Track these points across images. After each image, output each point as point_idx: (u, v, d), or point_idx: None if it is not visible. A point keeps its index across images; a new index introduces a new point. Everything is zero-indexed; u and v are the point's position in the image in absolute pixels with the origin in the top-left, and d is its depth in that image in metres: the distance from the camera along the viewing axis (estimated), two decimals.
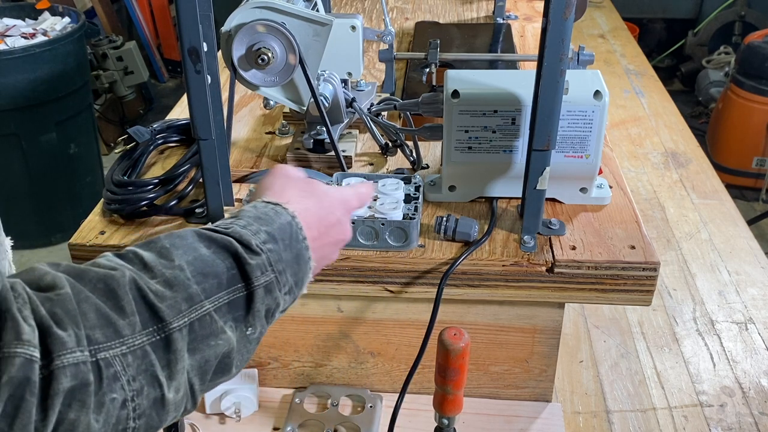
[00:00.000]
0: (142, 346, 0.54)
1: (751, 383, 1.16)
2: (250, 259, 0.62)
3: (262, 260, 0.63)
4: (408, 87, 1.47)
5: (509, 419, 1.05)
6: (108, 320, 0.53)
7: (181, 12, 0.84)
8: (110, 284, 0.55)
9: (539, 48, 0.85)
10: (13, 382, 0.47)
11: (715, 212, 1.60)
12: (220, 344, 0.59)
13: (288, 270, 0.66)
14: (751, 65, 3.11)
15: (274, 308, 0.65)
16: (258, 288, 0.62)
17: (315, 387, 1.10)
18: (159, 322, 0.56)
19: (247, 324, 0.62)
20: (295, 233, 0.68)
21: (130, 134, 1.16)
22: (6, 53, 2.56)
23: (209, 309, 0.59)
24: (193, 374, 0.58)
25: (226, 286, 0.61)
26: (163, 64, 4.49)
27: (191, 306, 0.58)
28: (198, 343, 0.58)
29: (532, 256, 0.93)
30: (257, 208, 0.69)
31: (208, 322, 0.59)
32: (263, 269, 0.63)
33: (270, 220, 0.67)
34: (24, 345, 0.48)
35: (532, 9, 1.99)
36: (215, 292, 0.60)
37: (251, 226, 0.65)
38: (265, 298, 0.63)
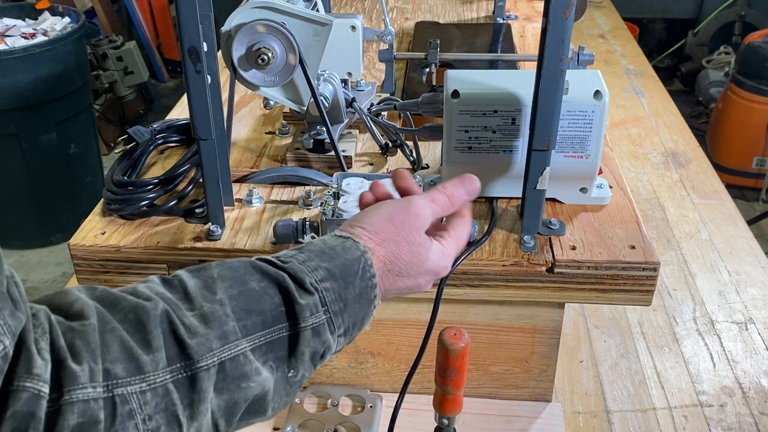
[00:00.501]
0: (164, 383, 0.52)
1: (751, 383, 1.16)
2: (300, 298, 0.59)
3: (314, 300, 0.60)
4: (408, 87, 1.47)
5: (509, 419, 1.05)
6: (131, 354, 0.52)
7: (181, 12, 0.84)
8: (141, 316, 0.54)
9: (539, 48, 0.85)
10: (16, 417, 0.47)
11: (715, 212, 1.60)
12: (252, 387, 0.57)
13: (346, 310, 0.62)
14: (751, 65, 3.11)
15: (323, 351, 0.62)
16: (305, 330, 0.59)
17: (315, 387, 1.10)
18: (186, 359, 0.54)
19: (290, 366, 0.59)
20: (362, 270, 0.64)
21: (130, 134, 1.16)
22: (6, 53, 2.56)
23: (245, 348, 0.56)
24: (219, 415, 0.56)
25: (271, 324, 0.58)
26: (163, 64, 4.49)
27: (224, 344, 0.55)
28: (227, 384, 0.55)
29: (532, 256, 0.93)
30: (326, 241, 0.65)
31: (241, 362, 0.56)
32: (313, 310, 0.60)
33: (335, 255, 0.63)
34: (33, 379, 0.48)
35: (532, 9, 1.99)
36: (257, 330, 0.57)
37: (311, 261, 0.62)
38: (311, 341, 0.60)
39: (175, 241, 0.97)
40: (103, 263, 0.98)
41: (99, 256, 0.97)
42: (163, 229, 1.00)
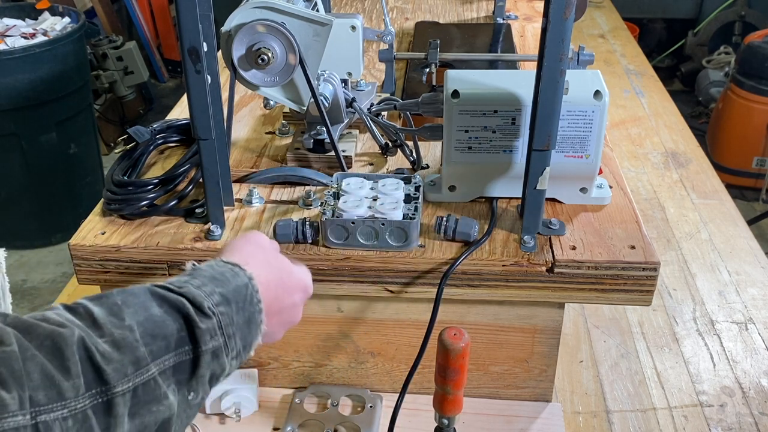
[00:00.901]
0: (84, 410, 0.53)
1: (751, 383, 1.16)
2: (200, 322, 0.61)
3: (212, 324, 0.62)
4: (408, 87, 1.47)
5: (509, 419, 1.05)
6: (52, 381, 0.52)
7: (181, 12, 0.84)
8: (58, 342, 0.54)
9: (539, 48, 0.85)
10: None
11: (715, 212, 1.60)
12: (161, 410, 0.58)
13: (238, 333, 0.65)
14: (751, 65, 3.11)
15: (219, 373, 0.64)
16: (205, 353, 0.61)
17: (315, 387, 1.10)
18: (103, 385, 0.54)
19: (190, 388, 0.61)
20: (249, 296, 0.67)
21: (130, 134, 1.16)
22: (6, 53, 2.56)
23: (154, 373, 0.58)
24: None
25: (174, 348, 0.59)
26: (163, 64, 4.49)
27: (137, 370, 0.57)
28: (139, 408, 0.56)
29: (532, 256, 0.93)
30: (214, 267, 0.68)
31: (152, 387, 0.57)
32: (212, 333, 0.62)
33: (226, 281, 0.66)
34: None
35: (532, 9, 1.99)
36: (162, 354, 0.59)
37: (206, 286, 0.64)
38: (211, 364, 0.62)
39: (175, 241, 0.97)
40: (103, 263, 0.98)
41: (99, 256, 0.97)
42: (163, 229, 1.00)
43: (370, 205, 0.96)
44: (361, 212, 0.94)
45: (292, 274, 0.78)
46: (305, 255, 0.95)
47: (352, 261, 0.94)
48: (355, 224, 0.93)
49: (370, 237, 0.94)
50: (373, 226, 0.93)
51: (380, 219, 0.93)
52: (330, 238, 0.95)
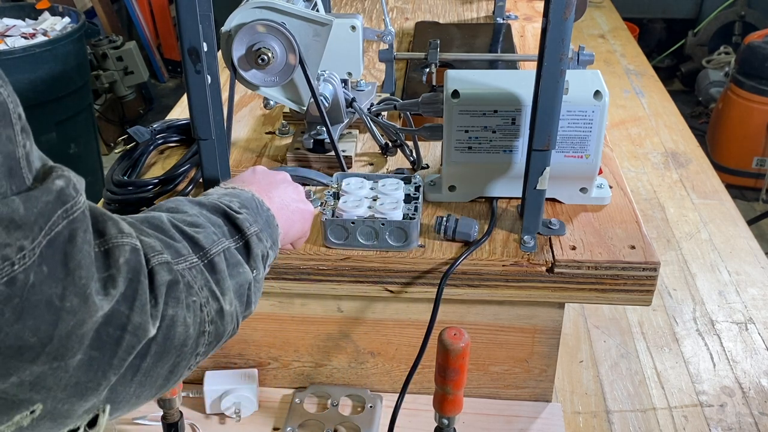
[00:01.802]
0: (197, 265, 0.61)
1: (751, 383, 1.16)
2: (237, 216, 0.70)
3: (245, 217, 0.70)
4: (408, 87, 1.47)
5: (509, 419, 1.05)
6: (167, 244, 0.59)
7: (181, 12, 0.84)
8: (154, 221, 0.62)
9: (539, 48, 0.85)
10: (130, 263, 0.51)
11: (715, 212, 1.60)
12: (245, 273, 0.66)
13: (265, 231, 0.73)
14: (751, 65, 3.11)
15: (266, 255, 0.72)
16: (252, 236, 0.69)
17: (315, 387, 1.10)
18: (201, 250, 0.62)
19: (252, 266, 0.68)
20: (259, 204, 0.75)
21: (130, 134, 1.16)
22: (6, 53, 2.56)
23: (228, 244, 0.66)
24: (234, 295, 0.64)
25: (229, 236, 0.67)
26: (163, 64, 4.49)
27: (218, 239, 0.65)
28: (232, 269, 0.65)
29: (532, 256, 0.93)
30: (218, 190, 0.76)
31: (232, 253, 0.66)
32: (249, 223, 0.70)
33: (236, 194, 0.75)
34: (127, 236, 0.53)
35: (532, 9, 1.99)
36: (224, 237, 0.67)
37: (224, 198, 0.73)
38: (258, 244, 0.70)
39: None
40: None
41: None
42: None
43: (370, 205, 0.96)
44: (361, 212, 0.94)
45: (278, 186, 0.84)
46: (305, 255, 0.95)
47: (352, 261, 0.94)
48: (355, 224, 0.93)
49: (370, 237, 0.94)
50: (373, 226, 0.93)
51: (380, 219, 0.93)
52: (330, 238, 0.95)
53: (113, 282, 0.50)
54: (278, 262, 0.95)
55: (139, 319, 0.51)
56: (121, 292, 0.50)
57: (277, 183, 0.84)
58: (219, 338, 0.62)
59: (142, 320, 0.51)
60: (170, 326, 0.54)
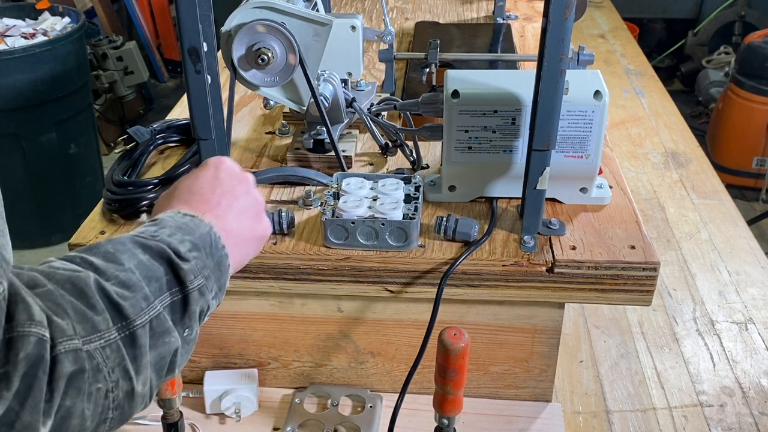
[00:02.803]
0: (115, 340, 0.56)
1: (751, 383, 1.16)
2: (182, 265, 0.65)
3: (192, 266, 0.65)
4: (408, 87, 1.47)
5: (509, 419, 1.05)
6: (85, 316, 0.55)
7: (181, 12, 0.84)
8: (78, 284, 0.57)
9: (539, 48, 0.85)
10: (29, 359, 0.49)
11: (715, 212, 1.60)
12: (172, 341, 0.62)
13: (212, 276, 0.68)
14: (751, 65, 3.11)
15: (206, 310, 0.67)
16: (193, 291, 0.65)
17: (315, 387, 1.10)
18: (124, 320, 0.58)
19: (184, 325, 0.64)
20: (214, 242, 0.70)
21: (130, 134, 1.16)
22: (6, 53, 2.56)
23: (159, 309, 0.61)
24: (152, 370, 0.60)
25: (166, 289, 0.63)
26: (163, 64, 4.49)
27: (148, 305, 0.60)
28: (156, 340, 0.60)
29: (532, 256, 0.93)
30: (175, 219, 0.71)
31: (162, 320, 0.61)
32: (195, 273, 0.65)
33: (190, 230, 0.69)
34: (36, 325, 0.50)
35: (532, 9, 1.99)
36: (159, 294, 0.62)
37: (176, 235, 0.67)
38: (199, 300, 0.65)
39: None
40: None
41: None
42: None
43: (370, 205, 0.96)
44: (361, 212, 0.94)
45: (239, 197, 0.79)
46: (305, 255, 0.95)
47: (352, 261, 0.94)
48: (355, 224, 0.93)
49: (370, 237, 0.94)
50: (373, 226, 0.93)
51: (380, 219, 0.93)
52: (330, 238, 0.95)
53: (7, 381, 0.48)
54: (278, 262, 0.95)
55: (29, 417, 0.49)
56: (14, 392, 0.48)
57: (238, 196, 0.78)
58: (122, 422, 0.59)
59: (32, 419, 0.49)
60: (65, 418, 0.52)
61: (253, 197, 0.81)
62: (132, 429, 1.03)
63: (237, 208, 0.77)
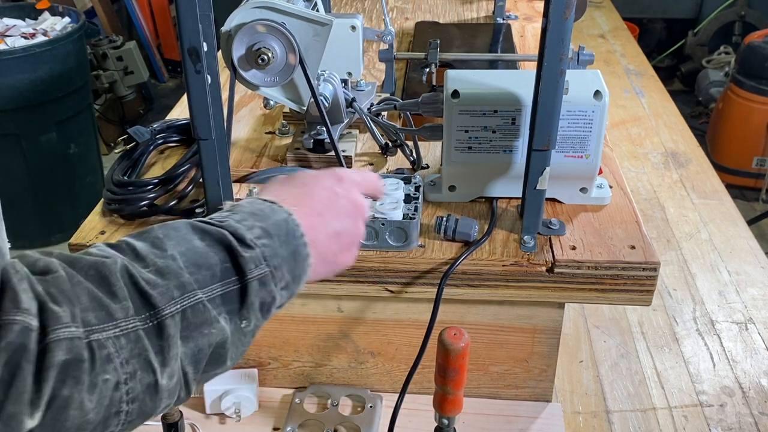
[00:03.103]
0: (135, 330, 0.54)
1: (751, 383, 1.16)
2: (243, 252, 0.62)
3: (256, 254, 0.63)
4: (408, 87, 1.47)
5: (509, 419, 1.05)
6: (101, 304, 0.54)
7: (181, 12, 0.84)
8: (102, 271, 0.56)
9: (539, 48, 0.85)
10: (10, 348, 0.48)
11: (715, 212, 1.60)
12: (213, 333, 0.59)
13: (284, 266, 0.65)
14: (751, 65, 3.11)
15: (269, 302, 0.65)
16: (252, 281, 0.62)
17: (315, 387, 1.10)
18: (151, 309, 0.56)
19: (242, 317, 0.62)
20: (291, 230, 0.67)
21: (130, 134, 1.16)
22: (6, 53, 2.56)
23: (202, 298, 0.59)
24: (187, 362, 0.58)
25: (220, 279, 0.61)
26: (163, 64, 4.49)
27: (183, 294, 0.58)
28: (191, 331, 0.58)
29: (532, 256, 0.93)
30: (253, 204, 0.68)
31: (201, 310, 0.59)
32: (257, 262, 0.63)
33: (265, 216, 0.66)
34: (22, 313, 0.49)
35: (532, 9, 1.99)
36: (208, 284, 0.60)
37: (246, 221, 0.65)
38: (259, 291, 0.63)
39: None
40: None
41: None
42: None
43: (370, 205, 0.96)
44: None
45: (321, 174, 0.76)
46: None
47: None
48: None
49: (370, 237, 0.94)
50: (373, 226, 0.93)
51: (380, 219, 0.93)
52: None
53: None
54: None
55: (13, 408, 0.47)
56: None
57: (343, 218, 0.74)
58: (146, 416, 0.56)
59: (17, 410, 0.47)
60: (61, 408, 0.50)
61: (358, 227, 0.76)
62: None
63: (335, 228, 0.73)
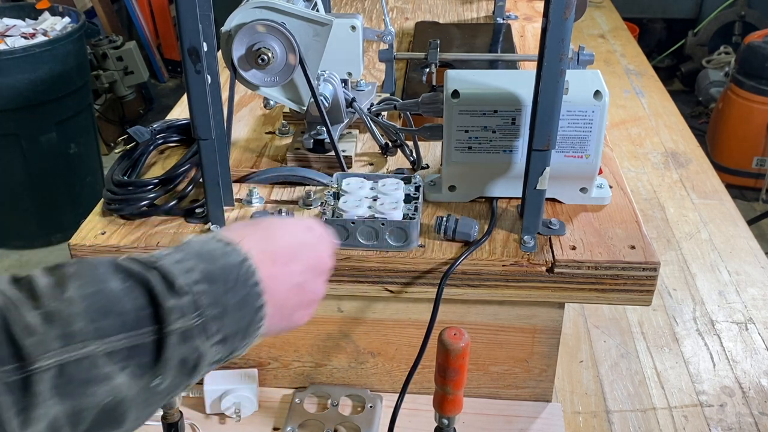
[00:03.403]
0: None
1: (751, 383, 1.16)
2: (167, 299, 0.54)
3: (184, 302, 0.55)
4: (408, 87, 1.47)
5: (509, 419, 1.05)
6: None
7: (181, 12, 0.84)
8: None
9: (539, 48, 0.85)
10: None
11: (715, 212, 1.60)
12: (104, 392, 0.51)
13: (226, 316, 0.57)
14: (751, 65, 3.11)
15: (195, 359, 0.56)
16: (171, 333, 0.54)
17: (315, 387, 1.10)
18: (20, 360, 0.48)
19: (154, 374, 0.54)
20: (243, 276, 0.59)
21: (130, 134, 1.16)
22: (6, 53, 2.56)
23: (96, 351, 0.51)
24: (63, 423, 0.50)
25: (131, 328, 0.53)
26: (163, 64, 4.49)
27: (67, 345, 0.50)
28: (72, 389, 0.50)
29: (532, 256, 0.93)
30: (205, 243, 0.61)
31: (88, 365, 0.51)
32: (183, 312, 0.55)
33: (213, 259, 0.59)
34: None
35: (532, 9, 1.99)
36: (113, 333, 0.52)
37: (186, 261, 0.57)
38: (179, 346, 0.55)
39: (175, 242, 0.97)
40: None
41: (99, 256, 0.97)
42: (163, 229, 1.00)
43: (370, 205, 0.96)
44: (361, 212, 0.94)
45: (298, 225, 0.70)
46: None
47: (352, 261, 0.94)
48: (355, 224, 0.93)
49: (370, 237, 0.94)
50: (373, 226, 0.93)
51: (380, 219, 0.93)
52: None
53: None
54: None
55: None
56: None
57: (305, 272, 0.67)
58: None
59: None
60: None
61: (320, 285, 0.70)
62: None
63: (298, 280, 0.66)
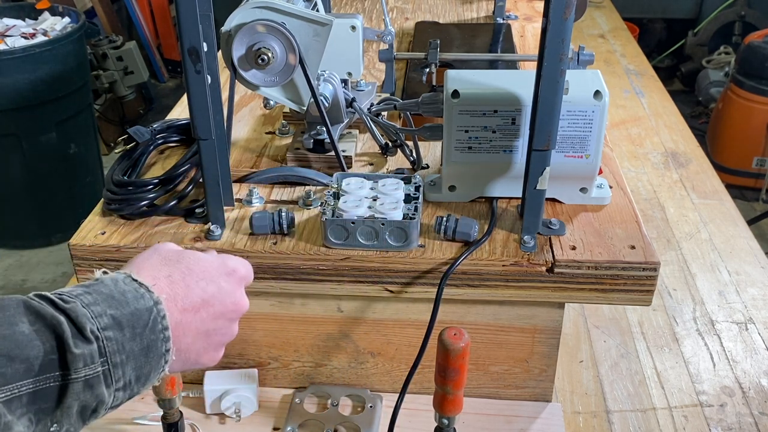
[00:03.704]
0: None
1: (751, 383, 1.16)
2: (75, 346, 0.53)
3: (91, 350, 0.54)
4: (408, 87, 1.47)
5: (509, 419, 1.05)
6: None
7: (181, 12, 0.84)
8: None
9: (539, 48, 0.85)
10: None
11: (715, 212, 1.60)
12: None
13: (129, 363, 0.57)
14: (751, 65, 3.11)
15: (94, 405, 0.56)
16: (75, 382, 0.53)
17: (315, 387, 1.10)
18: None
19: (54, 419, 0.53)
20: (152, 322, 0.59)
21: (130, 134, 1.16)
22: (6, 53, 2.56)
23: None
24: None
25: (37, 374, 0.52)
26: (163, 64, 4.49)
27: None
28: None
29: (532, 256, 0.93)
30: (118, 284, 0.60)
31: None
32: (89, 360, 0.54)
33: (124, 303, 0.58)
34: None
35: (532, 9, 1.99)
36: (18, 380, 0.51)
37: (98, 305, 0.57)
38: (82, 394, 0.54)
39: (175, 242, 0.97)
40: (103, 263, 0.98)
41: (99, 256, 0.97)
42: (163, 229, 1.00)
43: (370, 205, 0.96)
44: (361, 212, 0.94)
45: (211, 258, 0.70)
46: (305, 255, 0.95)
47: (352, 261, 0.94)
48: (355, 224, 0.93)
49: (370, 237, 0.94)
50: (373, 226, 0.93)
51: (380, 219, 0.93)
52: (330, 238, 0.95)
53: None
54: (278, 262, 0.95)
55: None
56: None
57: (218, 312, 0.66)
58: None
59: None
60: None
61: (232, 329, 0.69)
62: (132, 429, 1.03)
63: (207, 327, 0.66)
